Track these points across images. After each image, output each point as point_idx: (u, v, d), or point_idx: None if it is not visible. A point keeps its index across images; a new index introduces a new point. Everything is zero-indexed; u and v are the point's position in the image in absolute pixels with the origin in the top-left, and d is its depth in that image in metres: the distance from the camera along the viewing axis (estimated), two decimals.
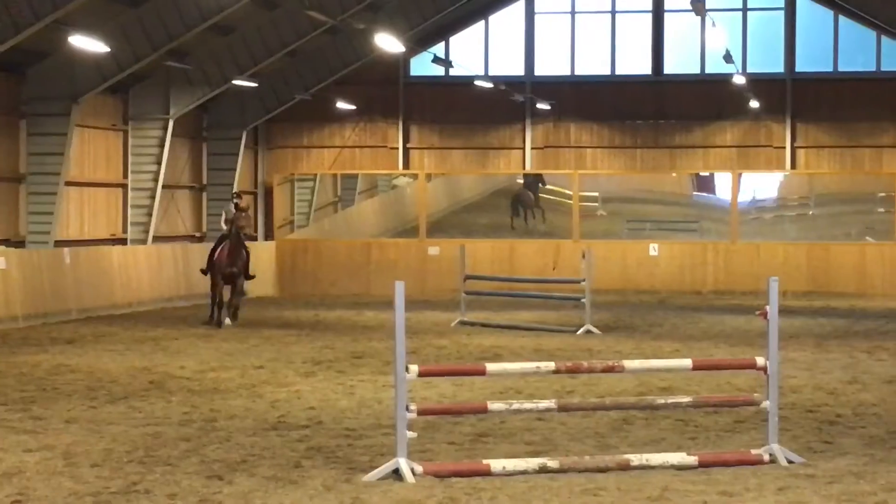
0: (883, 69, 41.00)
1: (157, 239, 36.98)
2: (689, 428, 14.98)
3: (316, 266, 41.60)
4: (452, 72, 40.74)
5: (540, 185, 49.42)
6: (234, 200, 29.23)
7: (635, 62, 42.31)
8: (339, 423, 15.32)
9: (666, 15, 42.05)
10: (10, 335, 26.13)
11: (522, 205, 50.07)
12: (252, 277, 29.40)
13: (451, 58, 41.31)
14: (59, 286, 30.40)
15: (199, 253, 37.42)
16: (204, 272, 29.40)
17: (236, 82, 37.53)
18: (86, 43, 29.22)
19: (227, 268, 28.21)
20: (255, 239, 30.10)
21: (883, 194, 49.99)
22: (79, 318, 30.17)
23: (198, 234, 40.45)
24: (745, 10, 41.69)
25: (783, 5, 41.47)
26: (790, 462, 12.67)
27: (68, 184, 33.45)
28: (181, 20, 32.04)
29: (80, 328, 27.82)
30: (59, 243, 32.51)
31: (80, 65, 31.81)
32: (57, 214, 32.46)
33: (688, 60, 42.03)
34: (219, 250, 28.56)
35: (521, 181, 49.36)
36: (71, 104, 32.17)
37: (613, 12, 42.29)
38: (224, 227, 28.70)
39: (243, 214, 28.42)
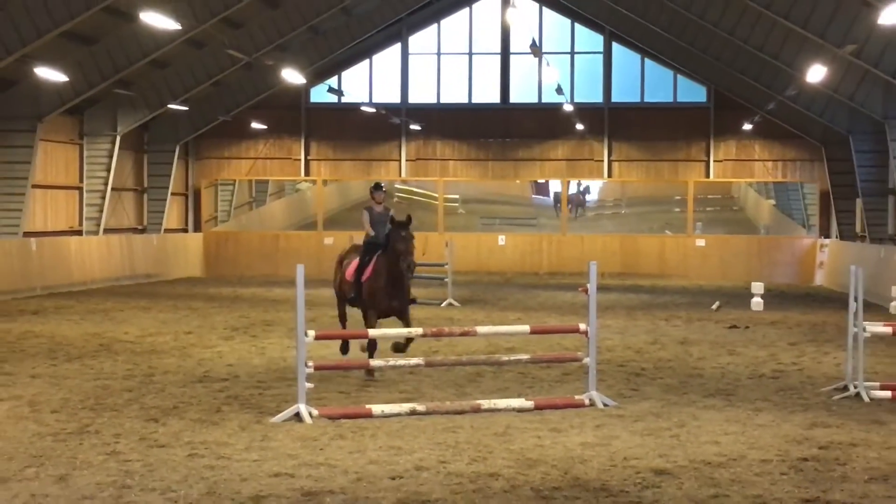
0: (679, 100, 41.57)
1: (106, 231, 36.41)
2: (528, 379, 15.09)
3: (235, 253, 41.22)
4: (344, 99, 40.58)
5: (587, 193, 59.86)
6: (374, 193, 16.11)
7: (487, 93, 42.44)
8: (253, 376, 15.22)
9: (511, 56, 42.24)
10: None
11: (573, 203, 55.80)
12: (414, 301, 15.98)
13: (342, 88, 41.19)
14: (27, 268, 29.80)
15: (142, 243, 36.96)
16: (345, 298, 16.32)
17: (171, 106, 37.16)
18: (48, 73, 28.84)
19: (386, 300, 15.27)
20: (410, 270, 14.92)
21: (678, 197, 50.80)
22: (42, 294, 29.59)
23: (139, 227, 39.98)
24: (572, 53, 42.00)
25: (601, 50, 41.86)
26: (605, 405, 12.82)
27: (34, 186, 32.81)
28: (126, 56, 31.58)
29: (44, 302, 27.29)
30: (27, 234, 31.91)
31: (43, 91, 31.24)
32: (25, 211, 31.84)
33: (528, 92, 42.24)
34: (369, 268, 15.53)
35: (578, 185, 57.89)
36: (36, 123, 31.56)
37: (470, 54, 42.42)
38: (371, 231, 15.86)
39: (403, 234, 14.84)
